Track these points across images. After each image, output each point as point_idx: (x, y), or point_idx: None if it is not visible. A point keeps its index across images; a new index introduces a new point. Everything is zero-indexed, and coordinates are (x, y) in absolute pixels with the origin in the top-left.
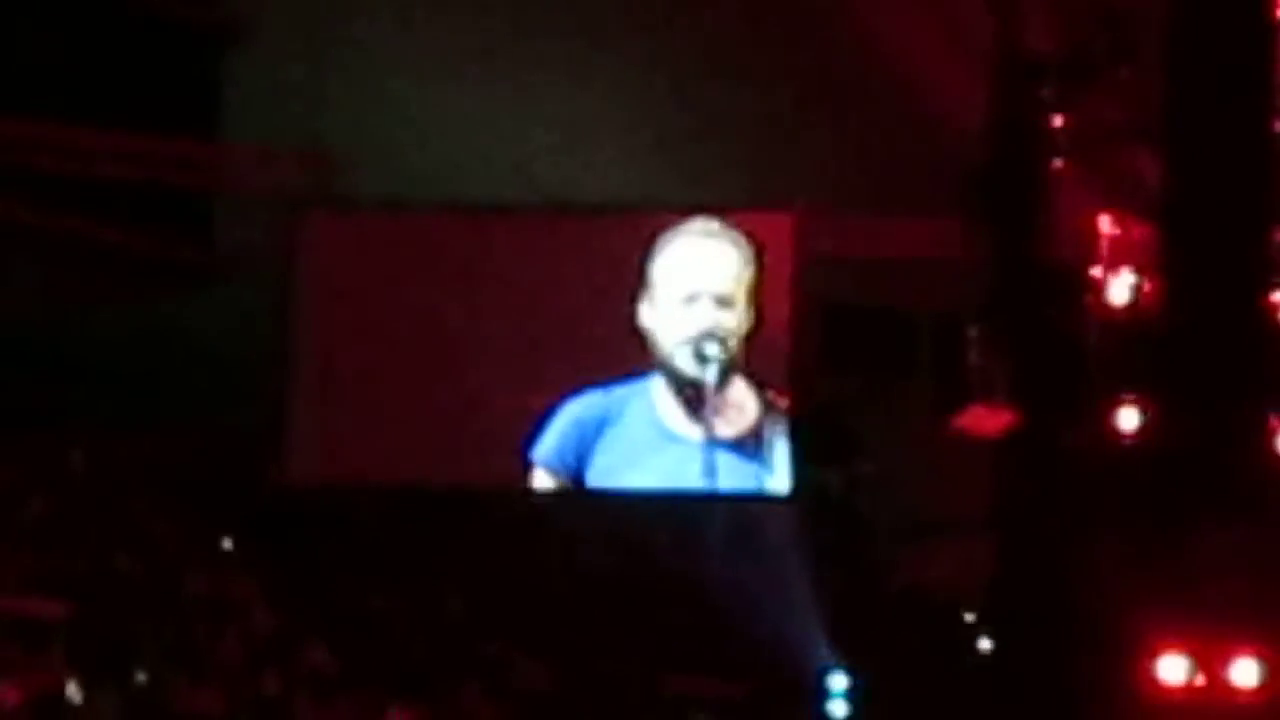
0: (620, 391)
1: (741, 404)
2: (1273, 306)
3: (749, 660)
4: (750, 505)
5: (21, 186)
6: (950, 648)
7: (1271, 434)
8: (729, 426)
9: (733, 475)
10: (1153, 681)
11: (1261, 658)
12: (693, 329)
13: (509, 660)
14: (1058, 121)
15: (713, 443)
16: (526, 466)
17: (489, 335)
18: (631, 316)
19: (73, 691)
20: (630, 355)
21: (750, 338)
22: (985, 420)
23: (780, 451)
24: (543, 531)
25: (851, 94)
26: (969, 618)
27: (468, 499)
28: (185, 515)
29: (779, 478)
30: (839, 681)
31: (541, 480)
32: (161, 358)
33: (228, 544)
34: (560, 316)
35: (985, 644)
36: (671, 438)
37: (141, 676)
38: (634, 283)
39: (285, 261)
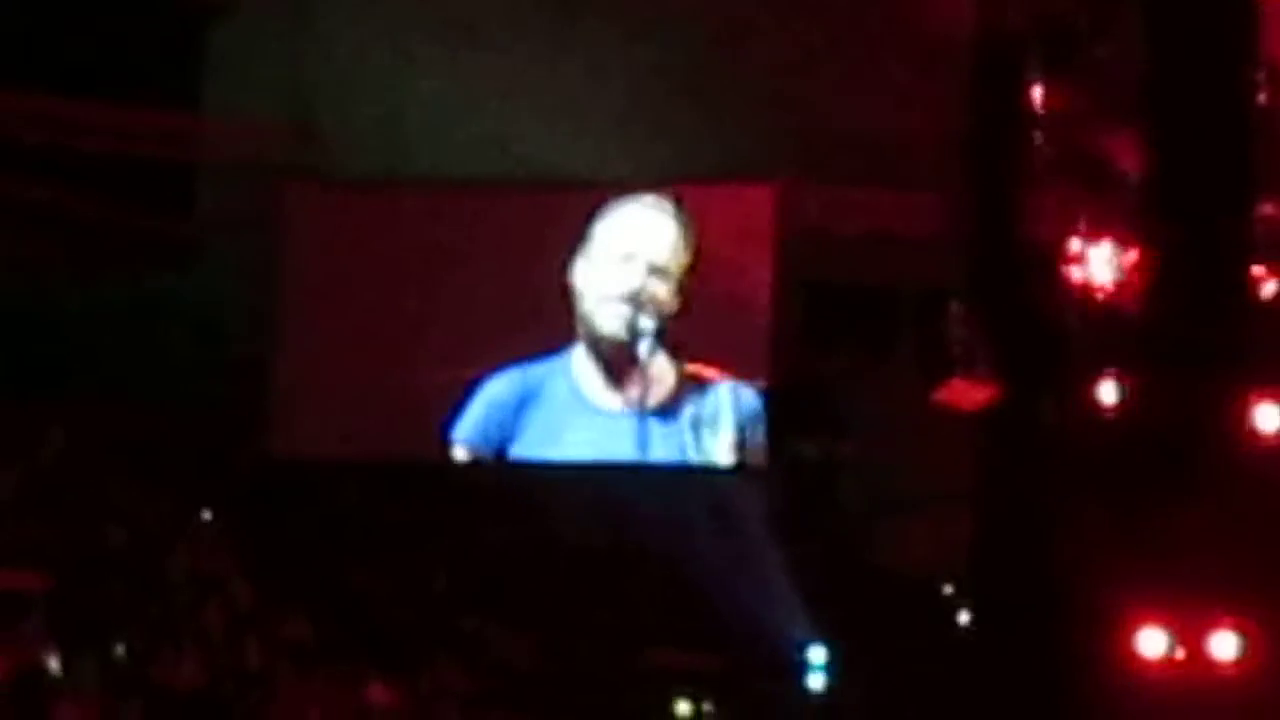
0: (538, 369)
1: (661, 376)
2: (1254, 281)
3: (727, 635)
4: (727, 479)
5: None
6: (928, 621)
7: (1250, 408)
8: (651, 398)
9: (665, 446)
10: (1132, 655)
11: (1240, 631)
12: (623, 288)
13: (488, 634)
14: (1038, 98)
15: (643, 414)
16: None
17: (472, 310)
18: None
19: (52, 664)
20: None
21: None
22: (966, 394)
23: (724, 424)
24: (521, 506)
25: (835, 68)
26: (947, 591)
27: (446, 473)
28: (164, 489)
29: (721, 450)
30: (817, 655)
31: (462, 457)
32: (141, 331)
33: (207, 517)
34: (538, 290)
35: (964, 618)
36: (594, 410)
37: (121, 649)
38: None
39: (266, 234)
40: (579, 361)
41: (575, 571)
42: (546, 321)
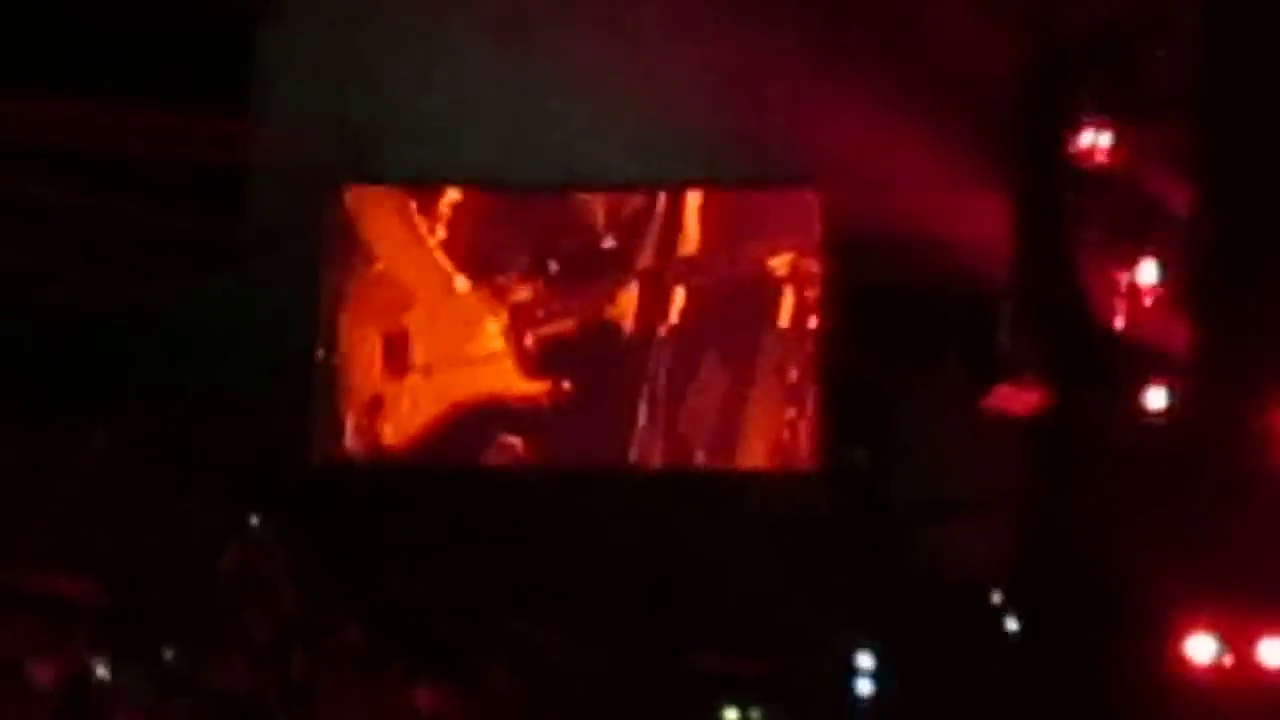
0: None
1: None
2: None
3: (776, 639)
4: (776, 483)
5: (51, 165)
6: (977, 628)
7: None
8: None
9: None
10: (1180, 661)
11: None
12: None
13: (536, 639)
14: (1090, 99)
15: None
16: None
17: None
18: None
19: (102, 670)
20: None
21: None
22: (1015, 399)
23: None
24: (569, 510)
25: (882, 74)
26: (996, 598)
27: (494, 478)
28: (213, 493)
29: None
30: (865, 660)
31: None
32: (191, 335)
33: (255, 522)
34: None
35: (1012, 624)
36: None
37: (170, 655)
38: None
39: (317, 238)
40: None
41: (622, 576)
42: None
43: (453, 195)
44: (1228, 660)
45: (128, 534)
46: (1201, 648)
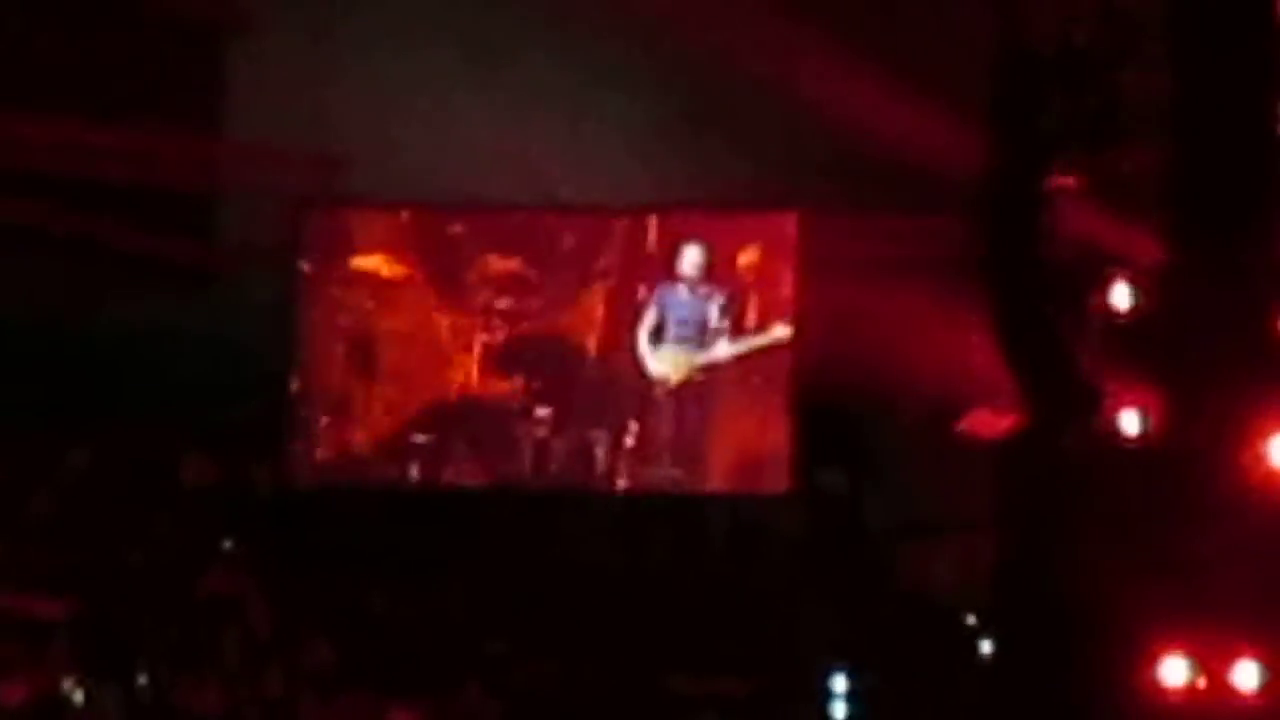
0: None
1: None
2: (1276, 309)
3: (751, 660)
4: (752, 504)
5: (21, 184)
6: (952, 650)
7: (1274, 435)
8: None
9: None
10: (1154, 684)
11: (1263, 660)
12: None
13: (512, 659)
14: (1057, 121)
15: None
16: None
17: (489, 335)
18: None
19: (74, 691)
20: None
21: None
22: (989, 423)
23: None
24: (544, 529)
25: (854, 93)
26: (971, 620)
27: (469, 498)
28: (187, 514)
29: None
30: (840, 683)
31: None
32: (163, 355)
33: (228, 544)
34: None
35: (987, 647)
36: None
37: (144, 677)
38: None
39: (288, 258)
40: None
41: (597, 596)
42: None
43: (424, 215)
44: (1201, 683)
45: (102, 553)
46: (1175, 671)
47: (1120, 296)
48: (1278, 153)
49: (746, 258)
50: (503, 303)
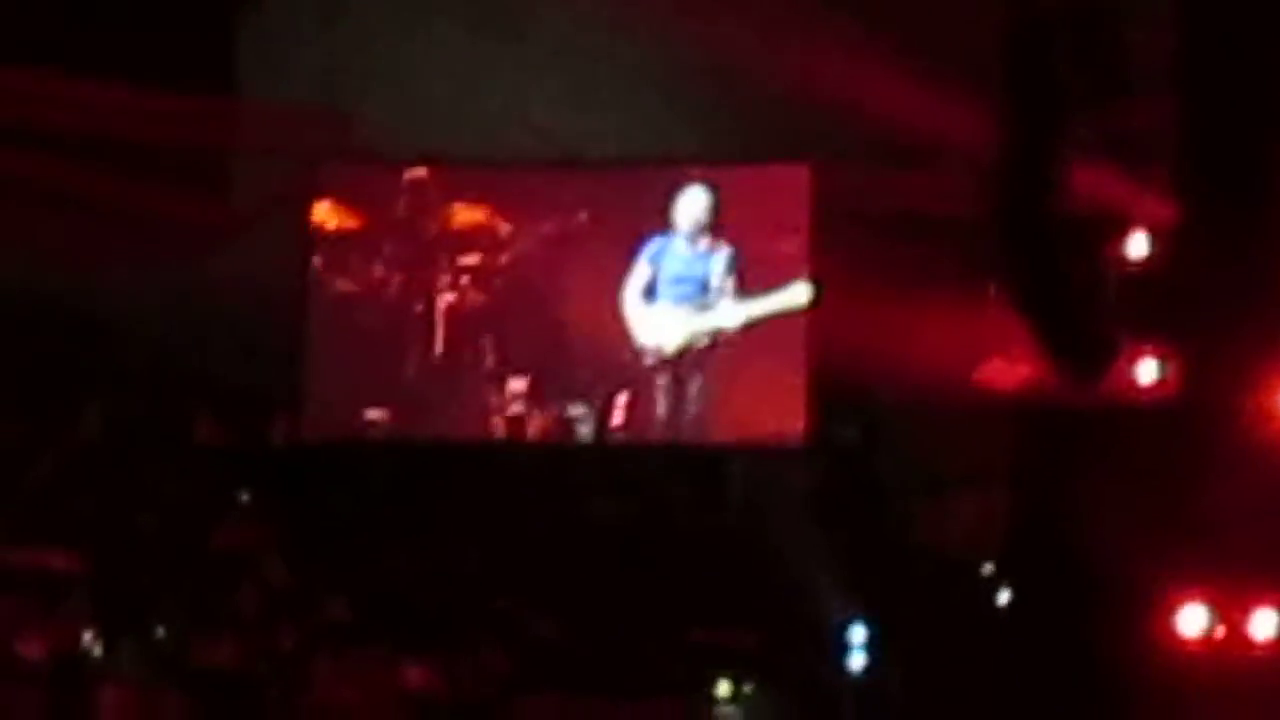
0: None
1: None
2: None
3: (767, 614)
4: (767, 458)
5: (35, 143)
6: (968, 601)
7: None
8: None
9: None
10: (1171, 633)
11: None
12: None
13: (524, 614)
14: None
15: None
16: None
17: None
18: None
19: (92, 644)
20: None
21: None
22: (1004, 374)
23: None
24: (557, 485)
25: (863, 47)
26: (987, 571)
27: (481, 453)
28: (201, 471)
29: None
30: (857, 634)
31: None
32: (177, 313)
33: (244, 498)
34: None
35: (1003, 597)
36: None
37: (160, 631)
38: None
39: (301, 216)
40: None
41: (613, 551)
42: None
43: (435, 172)
44: (1219, 632)
45: (118, 510)
46: (1193, 620)
47: (1136, 247)
48: None
49: (755, 210)
50: (514, 261)
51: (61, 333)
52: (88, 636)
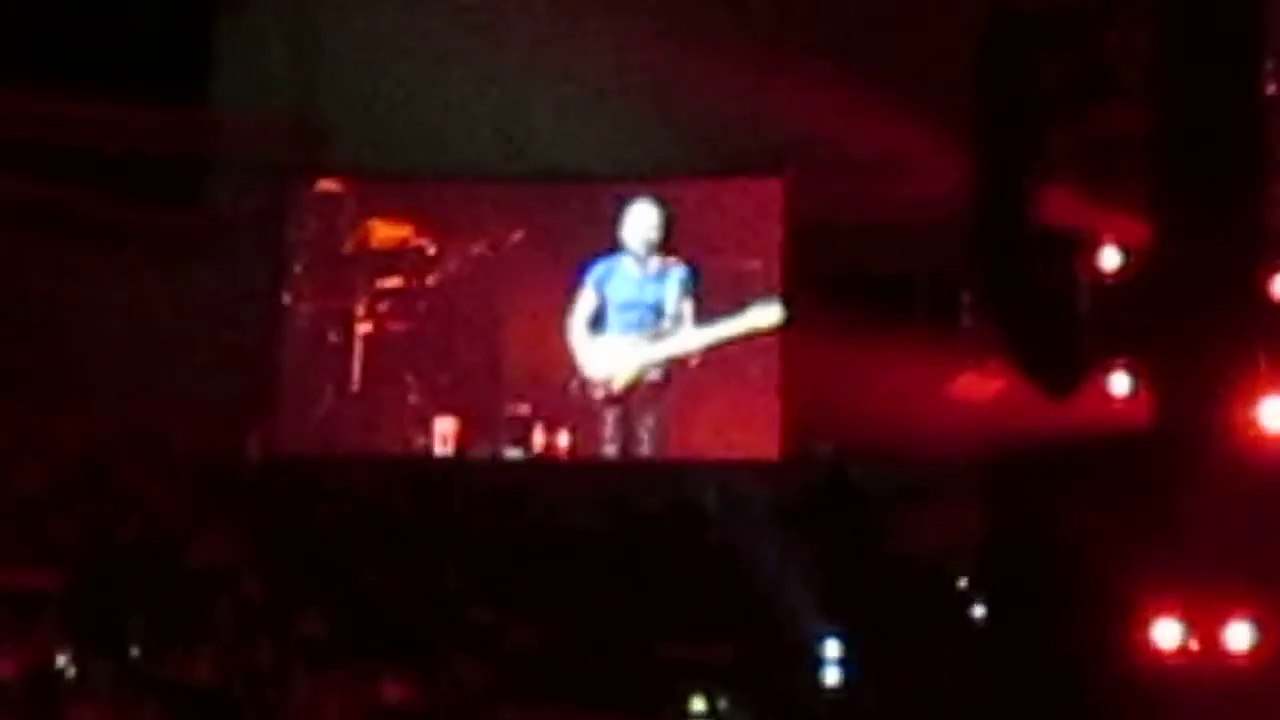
0: None
1: None
2: (1265, 273)
3: (742, 628)
4: (741, 471)
5: (7, 155)
6: (943, 615)
7: (1263, 398)
8: None
9: None
10: (1147, 646)
11: (1255, 621)
12: None
13: (502, 627)
14: (1046, 82)
15: None
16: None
17: (474, 306)
18: None
19: (66, 663)
20: None
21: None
22: (977, 386)
23: None
24: (533, 499)
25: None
26: (962, 584)
27: (458, 467)
28: (177, 485)
29: None
30: (833, 649)
31: None
32: (151, 326)
33: (219, 514)
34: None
35: (978, 611)
36: None
37: (135, 649)
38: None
39: (274, 229)
40: None
41: (588, 565)
42: None
43: (410, 185)
44: (1194, 645)
45: (92, 526)
46: (1167, 632)
47: (1109, 259)
48: (1263, 111)
49: (714, 227)
50: (489, 275)
51: (34, 345)
52: (62, 655)
